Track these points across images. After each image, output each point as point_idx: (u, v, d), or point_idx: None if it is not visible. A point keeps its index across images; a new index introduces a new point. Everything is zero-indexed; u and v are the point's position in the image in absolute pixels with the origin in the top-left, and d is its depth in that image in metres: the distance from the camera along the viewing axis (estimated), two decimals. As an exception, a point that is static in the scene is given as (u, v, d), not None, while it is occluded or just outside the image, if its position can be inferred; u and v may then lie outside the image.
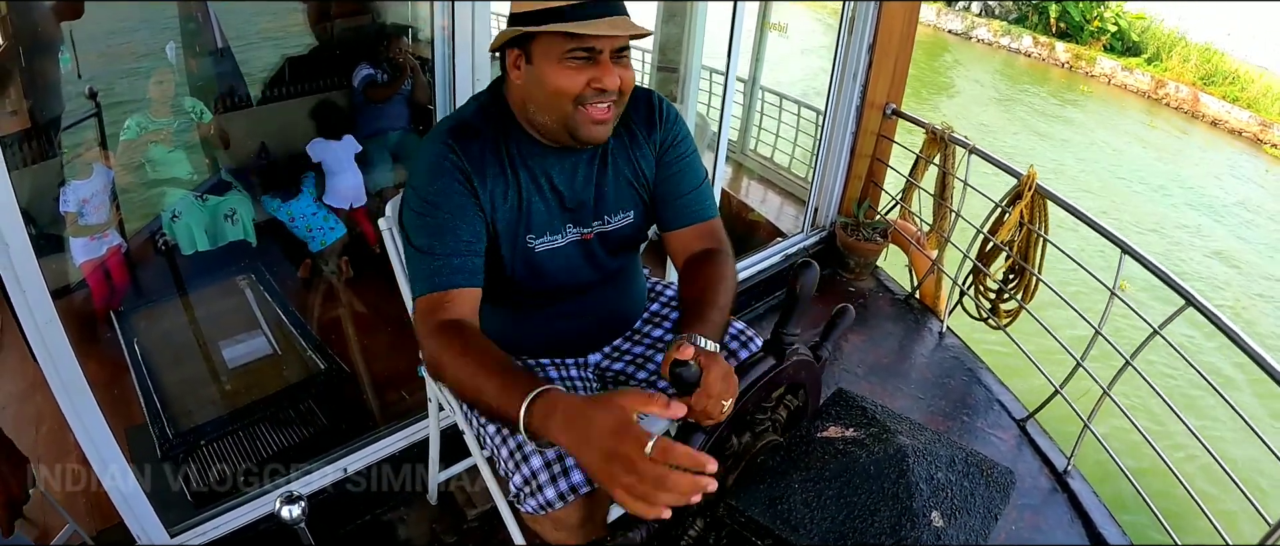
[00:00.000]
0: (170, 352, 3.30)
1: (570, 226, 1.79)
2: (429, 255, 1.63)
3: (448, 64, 2.60)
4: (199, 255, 3.82)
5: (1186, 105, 18.82)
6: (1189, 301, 3.12)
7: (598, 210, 1.82)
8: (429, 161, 1.65)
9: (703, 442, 1.44)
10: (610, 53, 1.58)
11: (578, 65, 1.58)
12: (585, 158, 1.78)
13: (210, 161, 4.20)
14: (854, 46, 4.45)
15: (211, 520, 2.59)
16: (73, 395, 2.09)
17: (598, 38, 1.55)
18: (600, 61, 1.58)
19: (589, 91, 1.59)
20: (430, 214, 1.63)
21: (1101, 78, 20.11)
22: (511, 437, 1.82)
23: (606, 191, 1.82)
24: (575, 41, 1.55)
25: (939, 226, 4.72)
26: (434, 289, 1.62)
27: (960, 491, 1.41)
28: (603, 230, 1.84)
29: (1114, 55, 20.29)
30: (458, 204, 1.64)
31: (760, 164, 6.54)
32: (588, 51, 1.57)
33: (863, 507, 1.35)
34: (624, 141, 1.84)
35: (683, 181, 1.90)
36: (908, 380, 4.01)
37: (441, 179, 1.64)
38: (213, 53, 4.20)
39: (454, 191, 1.64)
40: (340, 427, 3.08)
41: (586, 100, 1.60)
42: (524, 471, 1.76)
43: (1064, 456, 3.48)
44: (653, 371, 2.07)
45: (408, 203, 1.68)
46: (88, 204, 3.47)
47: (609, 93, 1.60)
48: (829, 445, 1.47)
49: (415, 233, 1.65)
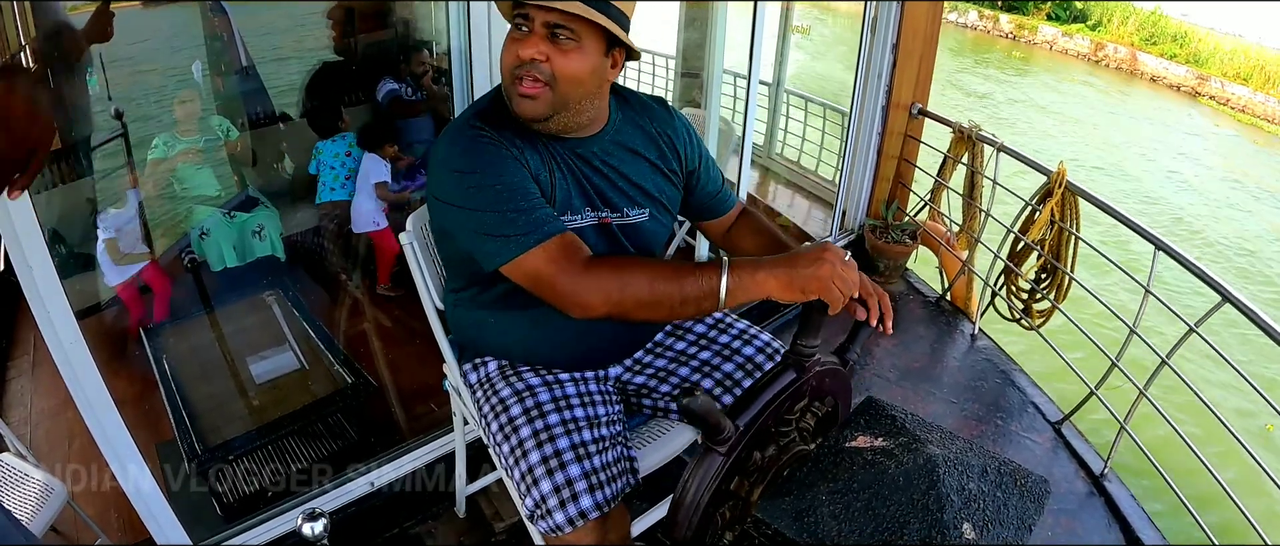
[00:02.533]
0: (199, 368, 3.31)
1: (587, 209, 1.77)
2: (523, 213, 1.57)
3: (465, 71, 2.60)
4: (227, 271, 3.85)
5: (1125, 64, 21.31)
6: (1225, 298, 3.06)
7: (609, 201, 1.81)
8: (463, 143, 1.63)
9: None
10: (544, 29, 1.56)
11: (516, 36, 1.58)
12: (591, 146, 1.76)
13: (237, 178, 4.23)
14: (877, 47, 4.42)
15: (240, 534, 2.60)
16: (99, 413, 2.10)
17: (528, 9, 1.54)
18: (527, 35, 1.56)
19: (516, 62, 1.58)
20: (497, 179, 1.59)
21: (1043, 45, 22.37)
22: (523, 460, 1.80)
23: (617, 185, 1.81)
24: (516, 11, 1.56)
25: (969, 226, 4.67)
26: (549, 235, 1.57)
27: (993, 502, 1.38)
28: (621, 222, 1.84)
29: (1057, 23, 22.70)
30: (514, 168, 1.62)
31: (786, 167, 6.51)
32: (525, 20, 1.57)
33: (892, 520, 1.32)
34: (636, 142, 1.84)
35: (711, 183, 2.02)
36: (940, 384, 3.96)
37: (487, 152, 1.61)
38: (238, 72, 4.22)
39: (506, 157, 1.62)
40: (368, 441, 3.08)
41: (517, 74, 1.58)
42: (535, 494, 1.76)
43: (1101, 459, 3.43)
44: (675, 385, 2.05)
45: (453, 179, 1.62)
46: (122, 232, 3.50)
47: (524, 63, 1.57)
48: (857, 456, 1.44)
49: (491, 202, 1.58)
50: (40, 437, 3.27)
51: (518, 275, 1.60)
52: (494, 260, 1.60)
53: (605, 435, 1.86)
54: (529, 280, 1.60)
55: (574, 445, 1.79)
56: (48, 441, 3.22)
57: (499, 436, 1.89)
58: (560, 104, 1.61)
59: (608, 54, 1.64)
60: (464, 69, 2.59)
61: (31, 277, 1.88)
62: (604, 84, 1.69)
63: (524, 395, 1.89)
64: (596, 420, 1.87)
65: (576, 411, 1.87)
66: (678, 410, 1.41)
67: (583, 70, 1.59)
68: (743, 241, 2.05)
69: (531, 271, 1.58)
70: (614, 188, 1.80)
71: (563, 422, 1.83)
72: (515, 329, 1.91)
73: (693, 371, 2.05)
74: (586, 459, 1.78)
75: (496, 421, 1.90)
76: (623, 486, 1.81)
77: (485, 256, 1.61)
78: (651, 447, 2.11)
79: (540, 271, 1.57)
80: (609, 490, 1.76)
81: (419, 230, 2.15)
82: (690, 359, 2.08)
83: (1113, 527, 3.17)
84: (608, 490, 1.76)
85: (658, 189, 1.87)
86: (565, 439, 1.80)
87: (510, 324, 1.90)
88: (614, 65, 1.68)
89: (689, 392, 1.32)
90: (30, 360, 3.76)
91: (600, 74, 1.64)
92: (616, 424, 1.92)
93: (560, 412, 1.85)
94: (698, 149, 1.97)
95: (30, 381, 3.64)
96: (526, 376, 1.94)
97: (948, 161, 4.73)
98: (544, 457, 1.77)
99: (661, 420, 2.18)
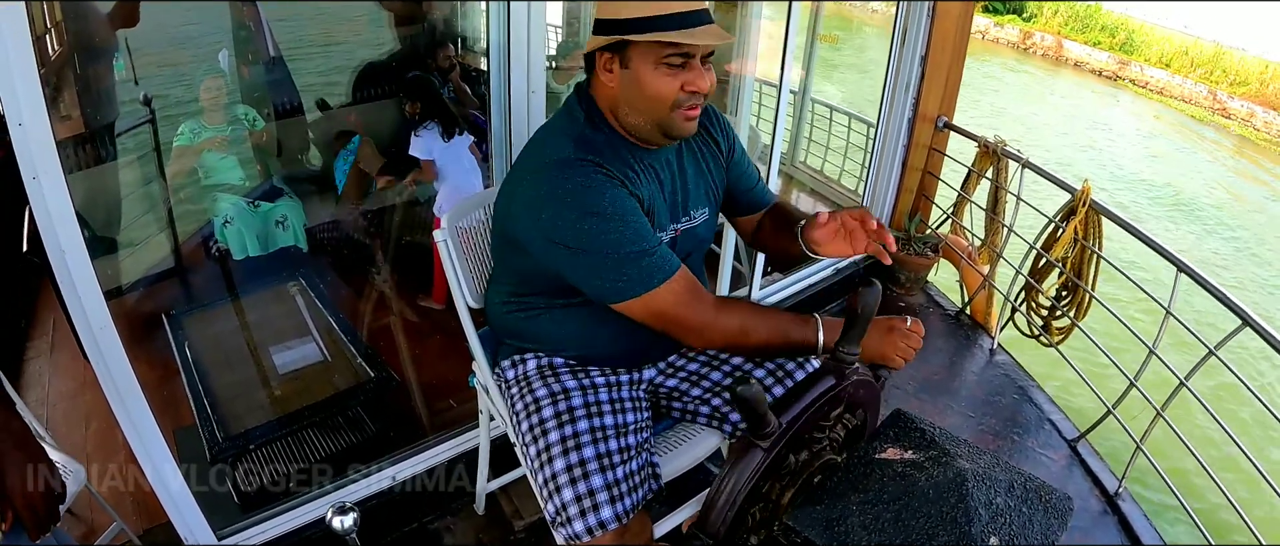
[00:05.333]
0: (221, 356, 3.32)
1: (668, 223, 1.87)
2: (648, 254, 1.68)
3: (503, 70, 2.60)
4: (250, 260, 3.87)
5: (1051, 51, 23.40)
6: (1245, 321, 3.04)
7: (686, 205, 1.92)
8: (579, 179, 1.67)
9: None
10: (701, 59, 1.67)
11: (673, 71, 1.66)
12: (670, 156, 1.88)
13: (262, 168, 4.24)
14: (906, 58, 4.41)
15: (259, 524, 2.60)
16: (125, 397, 2.11)
17: (695, 46, 1.63)
18: (692, 66, 1.67)
19: (684, 94, 1.67)
20: (622, 221, 1.67)
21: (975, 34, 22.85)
22: (548, 466, 1.86)
23: (689, 188, 1.92)
24: (672, 48, 1.64)
25: (991, 241, 4.66)
26: (673, 273, 1.70)
27: (1019, 517, 1.39)
28: (688, 226, 1.94)
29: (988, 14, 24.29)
30: (632, 205, 1.71)
31: (810, 176, 6.50)
32: (682, 57, 1.65)
33: (921, 531, 1.33)
34: (696, 144, 1.96)
35: (748, 177, 2.12)
36: (958, 397, 3.95)
37: (609, 189, 1.68)
38: (265, 61, 4.23)
39: (624, 196, 1.70)
40: (389, 435, 3.08)
41: (681, 103, 1.68)
42: (556, 502, 1.82)
43: (1115, 478, 3.42)
44: (707, 388, 2.08)
45: (576, 222, 1.67)
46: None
47: (700, 94, 1.70)
48: (887, 467, 1.45)
49: (616, 244, 1.66)
50: (58, 418, 3.28)
51: (640, 311, 1.72)
52: (617, 298, 1.71)
53: (631, 443, 1.90)
54: (653, 316, 1.73)
55: (599, 454, 1.84)
56: (66, 423, 3.24)
57: (528, 437, 1.93)
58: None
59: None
60: (502, 68, 2.58)
61: (64, 262, 1.89)
62: None
63: (558, 398, 1.93)
64: (624, 428, 1.91)
65: (605, 419, 1.91)
66: (730, 396, 1.48)
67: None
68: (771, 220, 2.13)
69: (658, 310, 1.72)
70: (690, 188, 1.92)
71: (591, 430, 1.87)
72: (570, 322, 1.96)
73: (725, 376, 2.07)
74: (609, 470, 1.82)
75: (527, 421, 1.94)
76: (644, 494, 1.86)
77: (603, 293, 1.71)
78: (676, 453, 2.12)
79: (667, 310, 1.72)
80: (629, 500, 1.81)
81: (454, 229, 2.16)
82: (722, 363, 2.11)
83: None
84: (628, 500, 1.81)
85: (709, 187, 1.99)
86: (591, 447, 1.84)
87: (566, 317, 1.95)
88: None
89: (743, 380, 1.35)
90: (49, 341, 3.78)
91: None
92: (644, 430, 1.96)
93: (590, 419, 1.89)
94: (734, 144, 2.06)
95: (49, 362, 3.66)
96: (564, 378, 1.98)
97: (972, 175, 4.72)
98: (568, 466, 1.83)
99: (688, 425, 2.20)
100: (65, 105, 3.38)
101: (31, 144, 1.72)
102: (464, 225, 2.21)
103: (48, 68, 3.22)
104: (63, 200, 1.84)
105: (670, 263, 1.70)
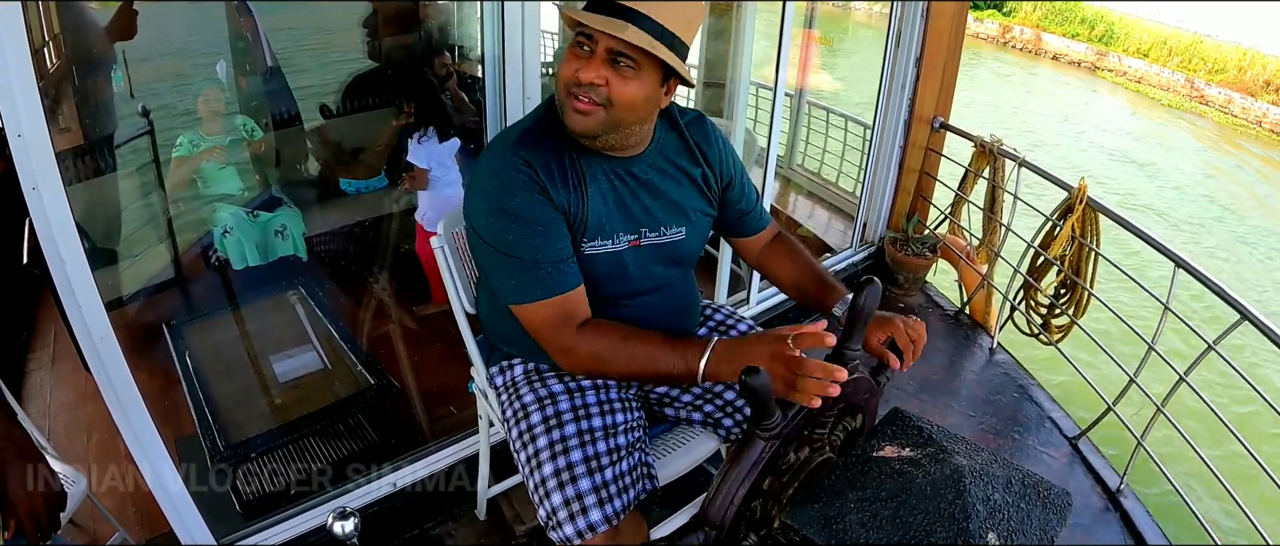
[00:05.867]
0: (221, 365, 3.32)
1: (621, 233, 1.80)
2: (535, 266, 1.67)
3: (498, 75, 2.61)
4: (250, 270, 3.86)
5: (1030, 45, 23.92)
6: (1244, 315, 3.05)
7: (649, 220, 1.83)
8: (503, 175, 1.65)
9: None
10: (606, 53, 1.57)
11: (576, 54, 1.60)
12: (633, 167, 1.79)
13: (261, 178, 4.24)
14: (901, 59, 4.43)
15: (260, 531, 2.61)
16: (126, 406, 2.11)
17: (592, 31, 1.56)
18: (593, 56, 1.58)
19: (574, 80, 1.59)
20: (523, 227, 1.65)
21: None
22: (538, 471, 1.85)
23: (658, 203, 1.84)
24: (579, 28, 1.58)
25: (988, 241, 4.67)
26: (554, 294, 1.68)
27: (1017, 513, 1.38)
28: (656, 241, 1.86)
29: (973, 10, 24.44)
30: (543, 214, 1.66)
31: (807, 179, 6.51)
32: (588, 41, 1.58)
33: (919, 528, 1.33)
34: (679, 159, 1.87)
35: (745, 201, 2.04)
36: (958, 397, 3.96)
37: (522, 193, 1.65)
38: (263, 72, 4.24)
39: (537, 203, 1.66)
40: (389, 442, 3.09)
41: (571, 91, 1.60)
42: (547, 506, 1.81)
43: (1117, 475, 3.42)
44: (698, 394, 2.09)
45: (487, 214, 1.67)
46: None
47: (583, 85, 1.58)
48: (885, 464, 1.45)
49: (512, 246, 1.66)
50: (59, 430, 3.28)
51: (521, 318, 1.74)
52: (506, 297, 1.73)
53: (621, 444, 1.88)
54: (528, 326, 1.74)
55: (587, 457, 1.82)
56: (67, 434, 3.24)
57: (518, 443, 1.94)
58: (611, 126, 1.64)
59: (663, 83, 1.66)
60: (496, 73, 2.59)
61: (65, 273, 1.90)
62: (655, 110, 1.71)
63: (545, 403, 1.92)
64: (613, 429, 1.90)
65: (593, 421, 1.89)
66: (739, 387, 1.46)
67: (638, 98, 1.62)
68: (775, 266, 2.08)
69: (530, 323, 1.73)
70: (655, 206, 1.84)
71: (578, 434, 1.86)
72: None
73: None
74: (598, 472, 1.81)
75: (517, 428, 1.95)
76: (636, 494, 1.84)
77: (500, 289, 1.74)
78: (673, 456, 2.13)
79: (537, 327, 1.72)
80: (619, 502, 1.80)
81: (450, 235, 2.16)
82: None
83: (1128, 544, 3.17)
84: (618, 502, 1.79)
85: (695, 207, 1.91)
86: (578, 451, 1.83)
87: None
88: (668, 93, 1.70)
89: (752, 371, 1.33)
90: (50, 353, 3.78)
91: (654, 101, 1.67)
92: (635, 430, 1.94)
93: (577, 422, 1.88)
94: (733, 164, 1.99)
95: (50, 374, 3.66)
96: (550, 382, 1.97)
97: (969, 175, 4.73)
98: (557, 471, 1.82)
99: (684, 429, 2.20)
100: (64, 117, 3.40)
101: (31, 155, 1.73)
102: (460, 230, 2.20)
103: (47, 80, 3.23)
104: (63, 211, 1.85)
105: (557, 282, 1.68)
